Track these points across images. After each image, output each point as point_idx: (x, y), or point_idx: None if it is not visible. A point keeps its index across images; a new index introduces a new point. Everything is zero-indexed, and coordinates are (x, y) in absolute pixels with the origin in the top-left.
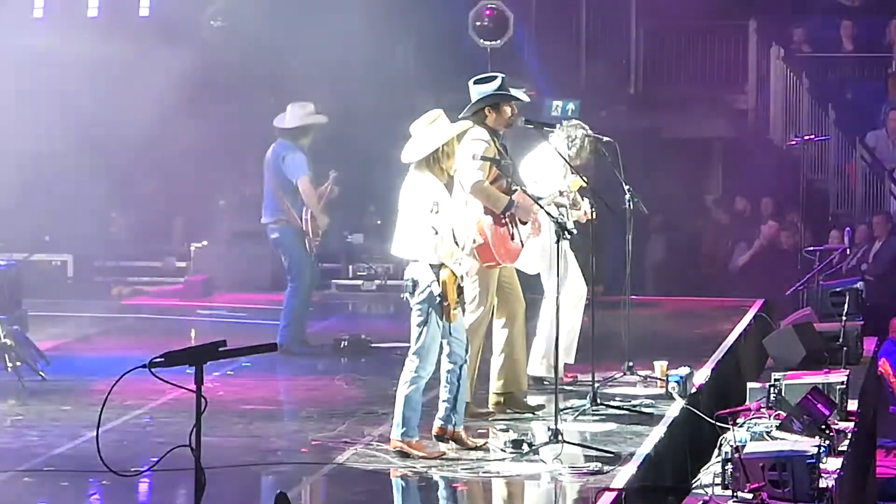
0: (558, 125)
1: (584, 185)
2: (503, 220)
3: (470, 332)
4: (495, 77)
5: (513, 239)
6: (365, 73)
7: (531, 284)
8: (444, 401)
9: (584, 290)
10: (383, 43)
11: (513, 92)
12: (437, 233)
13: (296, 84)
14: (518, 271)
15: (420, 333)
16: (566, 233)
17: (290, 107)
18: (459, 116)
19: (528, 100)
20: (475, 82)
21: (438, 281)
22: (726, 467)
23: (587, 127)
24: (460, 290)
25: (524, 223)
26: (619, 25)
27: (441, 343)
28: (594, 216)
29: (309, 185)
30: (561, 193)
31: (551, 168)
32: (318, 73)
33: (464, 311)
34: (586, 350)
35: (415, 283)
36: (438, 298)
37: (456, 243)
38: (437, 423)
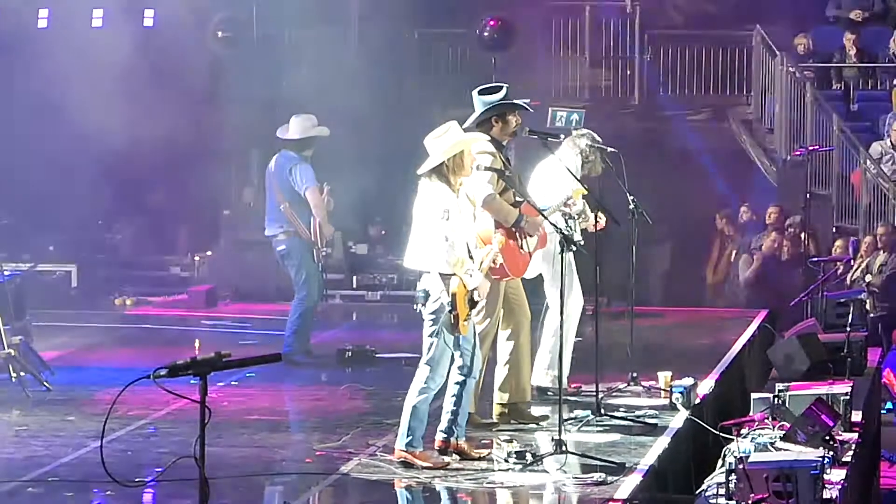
0: (563, 136)
1: (586, 192)
2: (513, 232)
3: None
4: (500, 87)
5: (521, 250)
6: (370, 85)
7: (536, 295)
8: (447, 412)
9: (582, 301)
10: (389, 54)
11: (518, 101)
12: (447, 240)
13: (300, 95)
14: (524, 283)
15: (431, 344)
16: (571, 244)
17: (294, 118)
18: (463, 127)
19: (533, 110)
20: (480, 92)
21: (448, 291)
22: (730, 478)
23: (595, 134)
24: (473, 303)
25: (531, 236)
26: (623, 35)
27: (452, 355)
28: (606, 224)
29: (318, 195)
30: (566, 203)
31: (559, 178)
32: (323, 83)
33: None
34: (590, 361)
35: (427, 294)
36: (448, 308)
37: (470, 257)
38: (440, 437)
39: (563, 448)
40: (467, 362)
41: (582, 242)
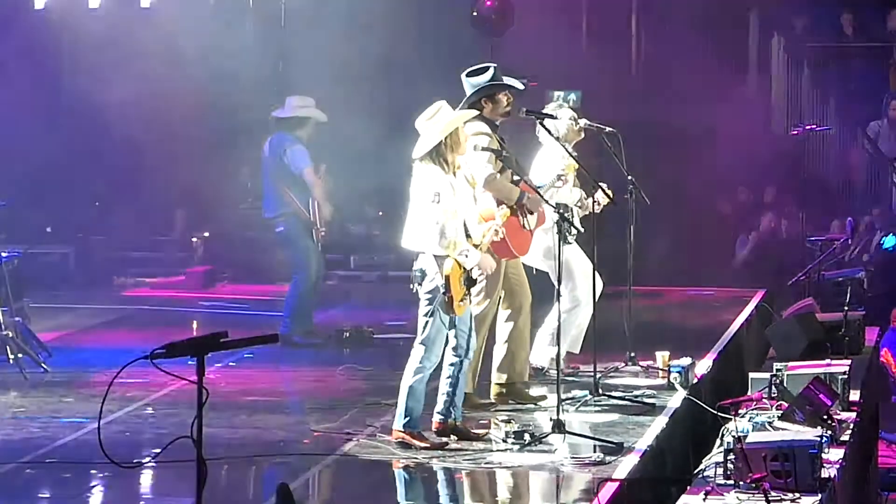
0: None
1: (578, 166)
2: (514, 210)
3: (475, 323)
4: (487, 68)
5: (523, 228)
6: (367, 67)
7: (537, 277)
8: (443, 393)
9: (599, 284)
10: (385, 36)
11: (507, 80)
12: (438, 224)
13: (299, 76)
14: (525, 265)
15: (426, 324)
16: (571, 227)
17: (289, 99)
18: (456, 111)
19: (523, 87)
20: (467, 75)
21: (441, 273)
22: (728, 458)
23: (566, 104)
24: (471, 283)
25: (532, 213)
26: (620, 15)
27: (447, 335)
28: (607, 203)
29: (314, 175)
30: (559, 177)
31: (551, 154)
32: (321, 65)
33: (469, 302)
34: (588, 340)
35: (423, 274)
36: (442, 290)
37: (468, 236)
38: (437, 419)
39: (562, 428)
40: (462, 343)
41: (583, 230)
